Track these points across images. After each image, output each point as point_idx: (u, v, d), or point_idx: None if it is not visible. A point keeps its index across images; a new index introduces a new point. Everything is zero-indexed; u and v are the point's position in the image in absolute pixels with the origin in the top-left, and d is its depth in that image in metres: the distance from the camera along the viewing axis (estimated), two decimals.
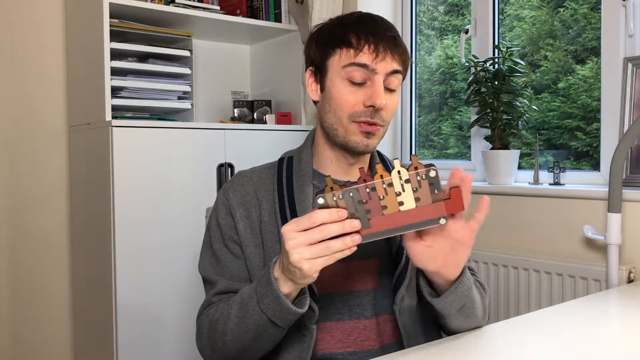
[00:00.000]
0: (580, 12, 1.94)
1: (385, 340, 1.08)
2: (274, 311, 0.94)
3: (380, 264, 1.10)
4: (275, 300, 0.93)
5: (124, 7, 2.03)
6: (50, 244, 2.24)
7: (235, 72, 2.66)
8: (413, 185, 0.88)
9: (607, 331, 1.07)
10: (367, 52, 1.05)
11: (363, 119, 1.05)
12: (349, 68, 1.05)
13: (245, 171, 1.17)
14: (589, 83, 1.91)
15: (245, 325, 0.98)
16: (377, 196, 0.88)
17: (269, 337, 0.99)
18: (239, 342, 1.00)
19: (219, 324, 1.03)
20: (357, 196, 0.88)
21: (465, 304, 0.99)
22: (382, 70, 1.05)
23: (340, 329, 1.07)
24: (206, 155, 2.09)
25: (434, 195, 0.88)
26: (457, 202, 0.88)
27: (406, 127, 2.47)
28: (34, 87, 2.21)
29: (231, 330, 1.00)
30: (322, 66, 1.10)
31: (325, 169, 1.13)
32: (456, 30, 2.31)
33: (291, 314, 0.94)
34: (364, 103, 1.05)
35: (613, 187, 1.55)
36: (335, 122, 1.08)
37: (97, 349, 2.05)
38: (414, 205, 0.88)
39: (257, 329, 0.97)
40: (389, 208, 0.88)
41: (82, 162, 2.16)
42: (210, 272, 1.12)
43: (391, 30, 1.08)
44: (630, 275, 1.57)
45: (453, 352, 0.94)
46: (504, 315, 1.81)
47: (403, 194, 0.88)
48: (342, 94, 1.07)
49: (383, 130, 1.09)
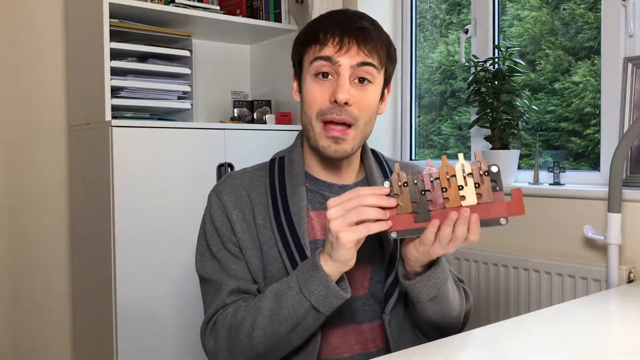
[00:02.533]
0: (577, 12, 1.94)
1: (373, 346, 1.08)
2: (318, 296, 0.93)
3: (372, 270, 1.09)
4: (321, 284, 0.92)
5: (124, 7, 2.03)
6: (50, 244, 2.24)
7: (235, 72, 2.66)
8: (475, 180, 0.86)
9: (607, 331, 1.07)
10: (331, 45, 1.02)
11: (329, 116, 1.02)
12: (315, 63, 1.04)
13: (236, 172, 1.15)
14: (580, 87, 1.91)
15: (281, 316, 0.96)
16: (440, 187, 0.86)
17: (306, 327, 0.97)
18: (270, 337, 0.97)
19: (245, 322, 0.99)
20: (422, 185, 0.86)
21: (438, 296, 0.99)
22: (346, 62, 1.02)
23: (331, 333, 1.06)
24: (206, 155, 2.09)
25: (495, 193, 0.86)
26: (519, 203, 0.86)
27: (406, 127, 2.47)
28: (34, 87, 2.21)
29: (262, 325, 0.97)
30: (299, 66, 1.10)
31: (315, 172, 1.12)
32: (460, 25, 2.31)
33: (337, 298, 0.93)
34: (329, 99, 1.02)
35: (613, 187, 1.55)
36: (307, 123, 1.06)
37: (97, 349, 2.05)
38: (476, 201, 0.86)
39: (296, 319, 0.95)
40: (451, 201, 0.86)
41: (82, 162, 2.16)
42: (213, 274, 1.08)
43: (362, 21, 1.04)
44: (630, 275, 1.57)
45: (453, 352, 0.94)
46: (504, 315, 1.81)
47: (465, 188, 0.86)
48: (310, 91, 1.05)
49: (358, 133, 1.05)
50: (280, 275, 1.05)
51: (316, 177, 1.12)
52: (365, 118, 1.05)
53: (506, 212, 0.85)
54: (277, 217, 1.06)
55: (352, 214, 0.88)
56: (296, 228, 1.05)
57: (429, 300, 0.99)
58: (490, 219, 0.86)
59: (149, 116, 2.16)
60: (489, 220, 0.86)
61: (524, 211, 0.86)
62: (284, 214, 1.06)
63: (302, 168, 1.11)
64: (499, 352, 0.94)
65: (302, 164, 1.11)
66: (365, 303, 1.08)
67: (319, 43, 1.04)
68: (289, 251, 1.04)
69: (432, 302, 0.99)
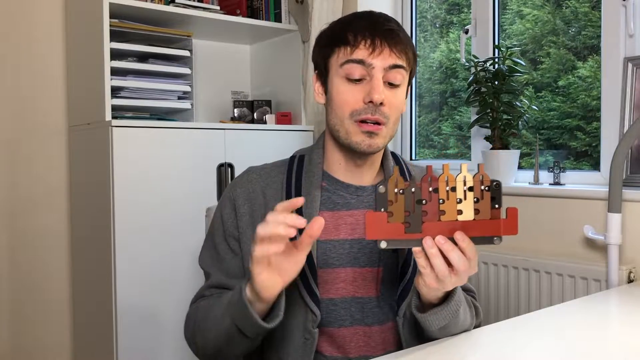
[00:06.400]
0: (581, 10, 1.94)
1: (381, 349, 1.08)
2: (243, 324, 0.94)
3: (384, 273, 1.09)
4: (242, 309, 0.92)
5: (124, 7, 2.03)
6: (50, 244, 2.24)
7: (235, 72, 2.66)
8: (476, 194, 0.82)
9: (607, 331, 1.07)
10: (363, 47, 1.03)
11: (363, 116, 1.03)
12: (346, 65, 1.04)
13: (256, 168, 1.16)
14: (588, 82, 1.91)
15: (221, 326, 0.98)
16: (438, 199, 0.83)
17: (239, 344, 0.98)
18: (215, 341, 1.01)
19: (203, 322, 1.04)
20: (418, 194, 0.83)
21: (449, 324, 0.97)
22: (379, 65, 1.03)
23: (341, 335, 1.06)
24: (206, 155, 2.09)
25: (493, 210, 0.83)
26: (513, 223, 0.83)
27: (406, 127, 2.47)
28: (34, 87, 2.21)
29: (209, 329, 1.01)
30: (325, 68, 1.10)
31: (334, 171, 1.12)
32: (460, 24, 2.31)
33: (255, 327, 0.93)
34: (363, 100, 1.03)
35: (613, 187, 1.55)
36: (337, 123, 1.07)
37: (97, 349, 2.05)
38: (473, 216, 0.83)
39: (228, 334, 0.97)
40: (447, 214, 0.83)
41: (82, 162, 2.16)
42: (208, 264, 1.12)
43: (390, 24, 1.06)
44: (630, 275, 1.57)
45: (453, 352, 0.94)
46: (504, 315, 1.81)
47: (464, 202, 0.83)
48: (341, 93, 1.05)
49: (388, 130, 1.07)
50: None
51: (335, 177, 1.12)
52: (394, 117, 1.07)
53: (501, 231, 0.83)
54: None
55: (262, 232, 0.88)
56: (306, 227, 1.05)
57: (438, 329, 0.98)
58: (484, 237, 0.83)
59: (149, 116, 2.16)
60: (482, 237, 0.83)
61: (518, 231, 0.83)
62: (296, 212, 1.06)
63: (320, 169, 1.11)
64: (499, 352, 0.94)
65: (321, 165, 1.12)
66: (376, 305, 1.08)
67: (350, 45, 1.04)
68: None
69: (441, 330, 0.99)
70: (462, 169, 0.83)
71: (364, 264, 1.07)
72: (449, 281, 0.87)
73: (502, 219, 0.83)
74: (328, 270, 1.06)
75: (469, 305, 1.07)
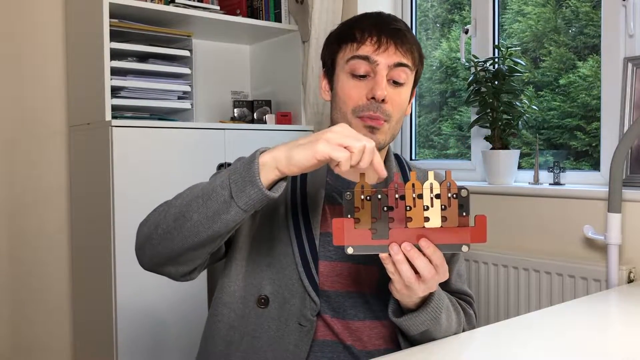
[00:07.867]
0: (581, 10, 1.94)
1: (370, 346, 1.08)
2: (241, 175, 0.89)
3: (381, 273, 1.09)
4: (248, 165, 0.88)
5: (124, 7, 2.03)
6: (50, 244, 2.24)
7: (235, 72, 2.66)
8: (443, 202, 0.83)
9: (607, 331, 1.07)
10: (369, 44, 1.05)
11: (366, 112, 1.05)
12: (351, 61, 1.06)
13: None
14: (588, 81, 1.91)
15: (202, 190, 0.92)
16: (405, 206, 0.83)
17: (209, 208, 0.90)
18: (180, 208, 0.95)
19: (178, 198, 0.99)
20: (385, 201, 0.83)
21: (429, 330, 0.97)
22: (384, 62, 1.04)
23: (335, 324, 1.08)
24: (206, 155, 2.09)
25: (460, 218, 0.83)
26: (481, 231, 0.83)
27: (406, 127, 2.46)
28: (34, 87, 2.21)
29: (183, 196, 0.97)
30: (332, 65, 1.11)
31: None
32: (462, 23, 2.30)
33: (253, 186, 0.87)
34: (366, 96, 1.05)
35: (613, 187, 1.55)
36: (340, 118, 1.08)
37: (97, 349, 2.05)
38: (440, 224, 0.83)
39: (206, 193, 0.91)
40: (414, 221, 0.83)
41: (82, 162, 2.16)
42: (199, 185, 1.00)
43: (398, 24, 1.07)
44: (630, 275, 1.57)
45: (453, 352, 0.94)
46: (503, 315, 1.81)
47: (431, 209, 0.83)
48: (345, 88, 1.07)
49: (390, 127, 1.07)
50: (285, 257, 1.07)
51: (338, 174, 1.13)
52: (396, 116, 1.08)
53: (469, 239, 0.83)
54: (295, 212, 1.08)
55: (343, 140, 0.85)
56: (310, 218, 1.07)
57: (418, 334, 0.98)
58: (452, 244, 0.83)
59: (149, 116, 2.16)
60: (450, 245, 0.83)
61: (486, 239, 0.83)
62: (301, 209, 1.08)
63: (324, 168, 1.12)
64: (499, 352, 0.94)
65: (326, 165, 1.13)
66: (370, 302, 1.09)
67: (356, 42, 1.06)
68: (299, 237, 1.06)
69: (422, 334, 0.99)
70: (428, 176, 0.84)
71: (363, 262, 1.08)
72: (417, 287, 0.87)
73: (470, 227, 0.83)
74: (325, 263, 1.08)
75: (456, 311, 1.07)
